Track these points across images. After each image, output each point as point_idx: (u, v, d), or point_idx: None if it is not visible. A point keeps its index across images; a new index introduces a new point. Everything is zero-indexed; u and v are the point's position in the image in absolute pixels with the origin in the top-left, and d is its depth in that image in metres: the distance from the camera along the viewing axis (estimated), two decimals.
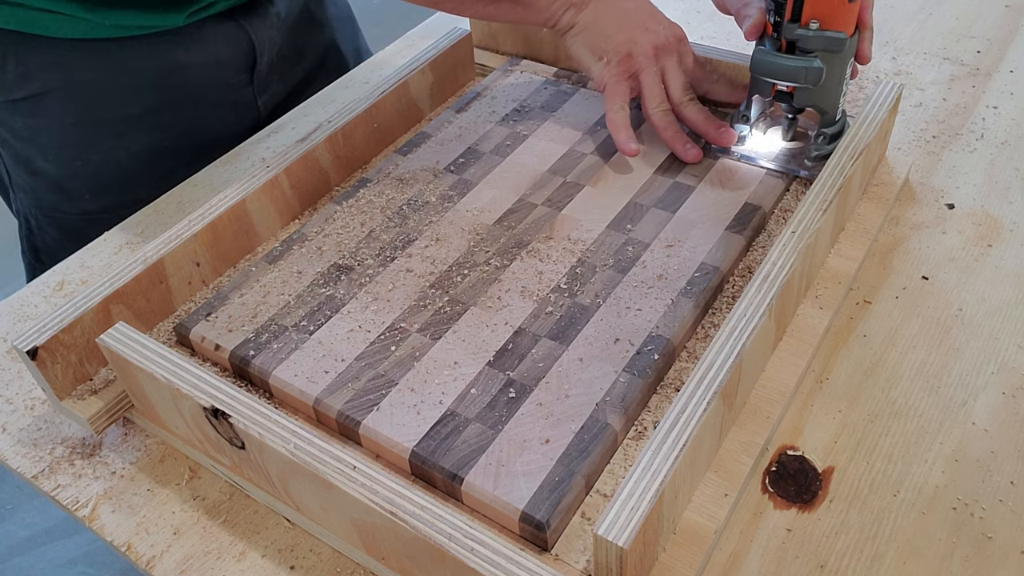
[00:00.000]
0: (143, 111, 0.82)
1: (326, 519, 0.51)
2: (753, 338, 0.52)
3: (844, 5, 0.63)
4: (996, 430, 0.55)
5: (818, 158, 0.70)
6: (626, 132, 0.71)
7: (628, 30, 0.72)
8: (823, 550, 0.50)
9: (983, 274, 0.65)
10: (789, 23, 0.64)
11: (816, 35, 0.63)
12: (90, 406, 0.58)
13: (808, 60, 0.64)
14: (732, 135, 0.71)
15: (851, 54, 0.66)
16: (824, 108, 0.68)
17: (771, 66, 0.66)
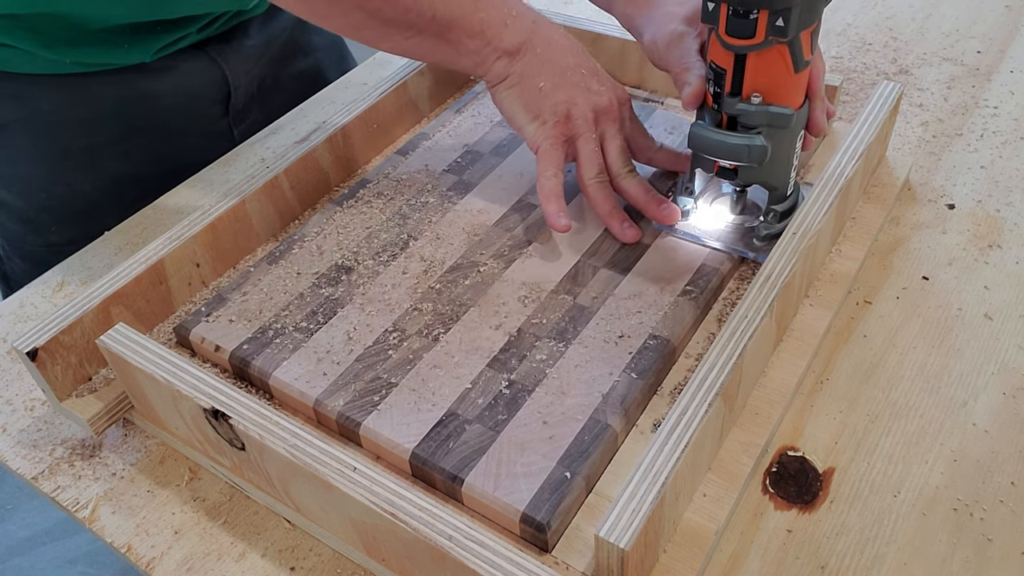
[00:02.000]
0: (109, 141, 0.80)
1: (326, 520, 0.50)
2: (754, 339, 0.52)
3: (788, 77, 0.56)
4: (996, 431, 0.55)
5: (768, 238, 0.63)
6: (557, 204, 0.63)
7: (567, 89, 0.65)
8: (824, 551, 0.49)
9: (983, 274, 0.65)
10: (729, 96, 0.58)
11: (759, 110, 0.57)
12: (90, 407, 0.58)
13: (750, 137, 0.58)
14: (675, 213, 0.65)
15: (801, 127, 0.60)
16: (772, 185, 0.62)
17: (710, 143, 0.59)
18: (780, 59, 0.55)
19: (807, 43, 0.55)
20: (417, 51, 0.65)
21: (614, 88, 0.67)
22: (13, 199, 0.82)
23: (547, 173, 0.64)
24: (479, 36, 0.63)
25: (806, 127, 0.61)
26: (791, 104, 0.58)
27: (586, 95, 0.65)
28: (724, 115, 0.59)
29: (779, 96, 0.57)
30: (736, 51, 0.55)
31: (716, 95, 0.59)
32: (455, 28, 0.63)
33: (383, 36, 0.63)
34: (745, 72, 0.56)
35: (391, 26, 0.62)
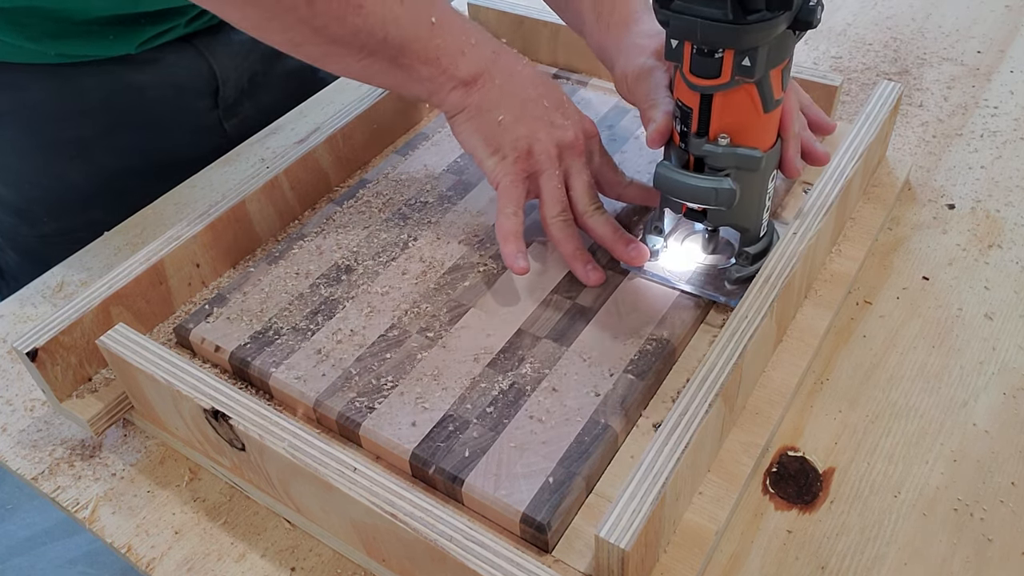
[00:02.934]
0: (98, 132, 0.80)
1: (326, 521, 0.50)
2: (754, 339, 0.52)
3: (757, 117, 0.53)
4: (997, 431, 0.55)
5: (739, 281, 0.60)
6: (515, 244, 0.59)
7: (529, 122, 0.61)
8: (824, 551, 0.49)
9: (984, 274, 0.65)
10: (695, 137, 0.54)
11: (726, 152, 0.54)
12: (90, 407, 0.58)
13: (718, 180, 0.54)
14: (643, 254, 0.61)
15: (772, 167, 0.57)
16: (744, 227, 0.59)
17: (675, 185, 0.56)
18: (748, 99, 0.52)
19: (777, 82, 0.52)
20: (368, 75, 0.61)
21: (580, 121, 0.63)
22: (4, 190, 0.82)
23: (506, 211, 0.60)
24: (434, 63, 0.60)
25: (779, 167, 0.58)
26: (761, 145, 0.55)
27: (549, 129, 0.62)
28: (691, 155, 0.55)
29: (748, 137, 0.54)
30: (701, 91, 0.52)
31: (683, 134, 0.55)
32: (408, 53, 0.59)
33: (330, 56, 0.59)
34: (711, 112, 0.53)
35: (339, 45, 0.58)
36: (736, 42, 0.48)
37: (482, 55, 0.61)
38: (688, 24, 0.48)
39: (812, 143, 0.61)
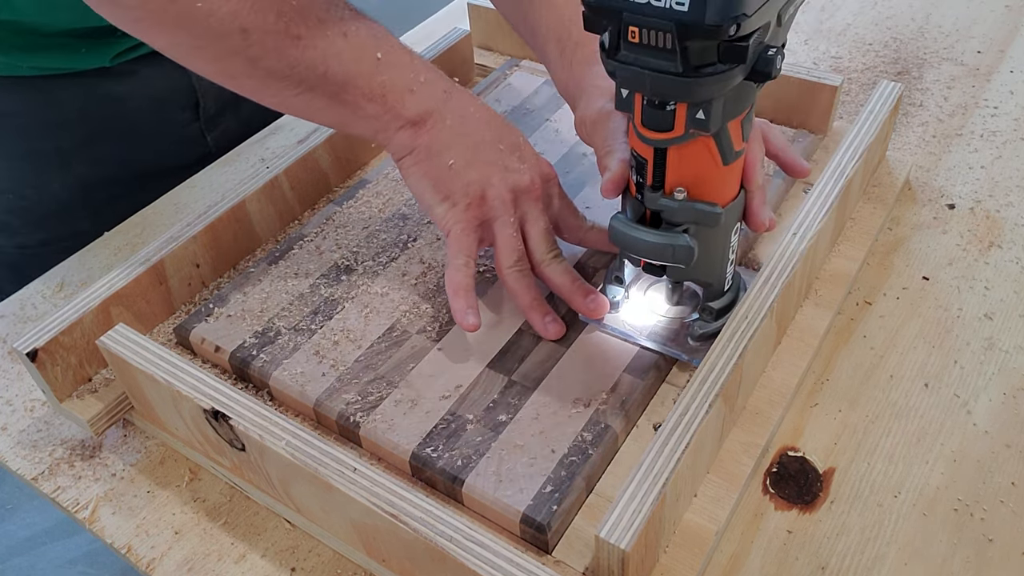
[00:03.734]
0: (76, 144, 0.78)
1: (327, 521, 0.50)
2: (754, 339, 0.52)
3: (716, 170, 0.49)
4: (997, 431, 0.55)
5: (703, 338, 0.57)
6: (465, 299, 0.56)
7: (482, 167, 0.58)
8: (824, 551, 0.49)
9: (984, 274, 0.65)
10: (650, 190, 0.51)
11: (683, 207, 0.50)
12: (90, 408, 0.58)
13: (674, 236, 0.50)
14: (602, 305, 0.58)
15: (735, 219, 0.53)
16: (706, 282, 0.56)
17: (629, 240, 0.52)
18: (706, 151, 0.49)
19: (737, 133, 0.49)
20: (309, 111, 0.58)
21: (537, 164, 0.60)
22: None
23: (456, 263, 0.57)
24: (379, 101, 0.56)
25: (746, 221, 0.55)
26: (721, 199, 0.51)
27: (503, 174, 0.58)
28: (647, 208, 0.52)
29: (706, 191, 0.50)
30: (654, 144, 0.49)
31: (639, 185, 0.52)
32: (351, 89, 0.56)
33: (266, 89, 0.55)
34: (667, 165, 0.49)
35: (276, 79, 0.54)
36: (688, 95, 0.45)
37: (432, 94, 0.58)
38: (636, 76, 0.44)
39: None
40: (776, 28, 0.44)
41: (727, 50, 0.42)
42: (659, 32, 0.42)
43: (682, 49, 0.42)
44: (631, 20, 0.42)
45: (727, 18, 0.40)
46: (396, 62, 0.57)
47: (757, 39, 0.42)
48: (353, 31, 0.56)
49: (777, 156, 0.62)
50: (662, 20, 0.41)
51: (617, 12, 0.42)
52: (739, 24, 0.40)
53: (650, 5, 0.41)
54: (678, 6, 0.40)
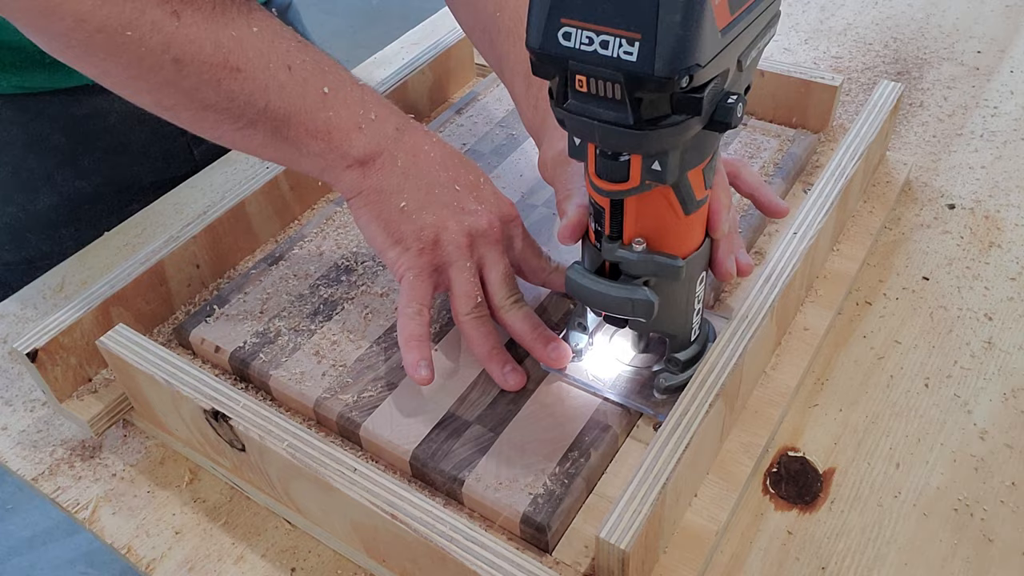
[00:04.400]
0: (61, 160, 0.77)
1: (327, 521, 0.50)
2: (754, 339, 0.52)
3: (676, 220, 0.47)
4: (997, 431, 0.55)
5: (669, 391, 0.54)
6: (418, 351, 0.53)
7: (436, 209, 0.55)
8: (824, 552, 0.49)
9: (984, 274, 0.65)
10: (608, 240, 0.48)
11: (642, 259, 0.47)
12: (90, 408, 0.58)
13: (633, 289, 0.48)
14: (565, 355, 0.55)
15: (700, 269, 0.50)
16: (670, 334, 0.53)
17: (586, 293, 0.49)
18: (665, 202, 0.46)
19: (699, 181, 0.46)
20: (250, 146, 0.55)
21: (497, 205, 0.57)
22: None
23: (408, 311, 0.54)
24: (324, 138, 0.54)
25: (713, 270, 0.52)
26: (683, 249, 0.48)
27: (458, 216, 0.55)
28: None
29: (667, 242, 0.48)
30: (609, 196, 0.46)
31: (597, 233, 0.49)
32: (294, 125, 0.53)
33: (204, 122, 0.53)
34: (624, 215, 0.47)
35: (214, 112, 0.52)
36: (640, 148, 0.42)
37: (383, 132, 0.55)
38: (586, 126, 0.41)
39: (736, 252, 0.54)
40: (737, 73, 0.42)
41: (681, 101, 0.39)
42: (607, 82, 0.39)
43: (632, 100, 0.39)
44: (577, 69, 0.39)
45: (678, 69, 0.37)
46: (344, 98, 0.54)
47: (714, 88, 0.40)
48: (299, 64, 0.53)
49: (752, 196, 0.60)
50: (610, 70, 0.38)
51: (563, 60, 0.39)
52: (692, 75, 0.37)
53: (597, 54, 0.38)
54: (626, 56, 0.37)
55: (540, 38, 0.39)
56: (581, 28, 0.38)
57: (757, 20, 0.41)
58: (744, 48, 0.41)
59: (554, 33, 0.39)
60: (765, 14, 0.42)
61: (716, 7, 0.37)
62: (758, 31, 0.42)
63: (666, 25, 0.36)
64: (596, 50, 0.38)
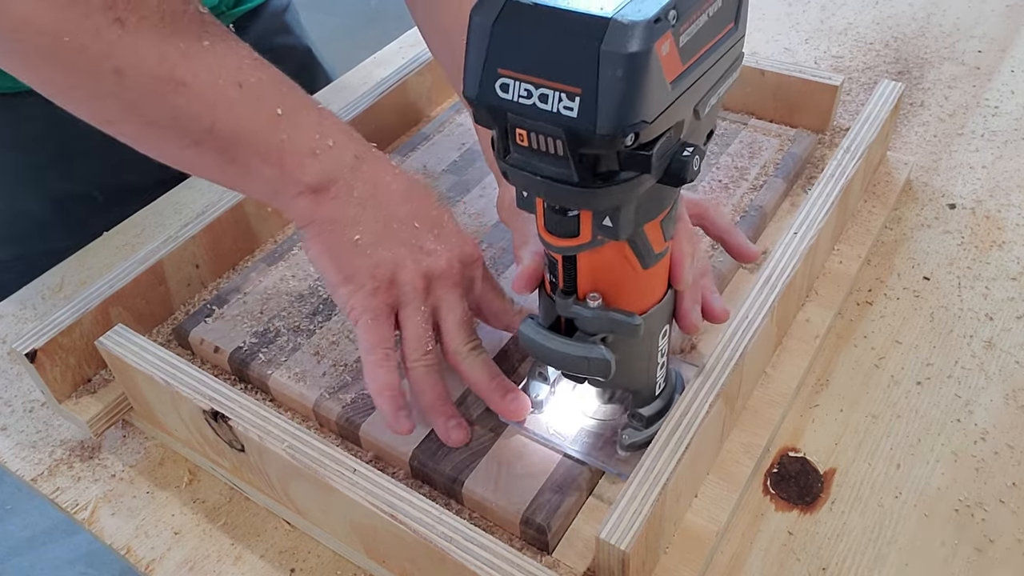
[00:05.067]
0: (49, 160, 0.76)
1: (326, 522, 0.50)
2: (755, 340, 0.52)
3: (634, 274, 0.44)
4: (998, 431, 0.55)
5: (633, 447, 0.51)
6: (392, 402, 0.50)
7: (393, 246, 0.51)
8: (825, 552, 0.49)
9: (984, 274, 0.65)
10: (561, 295, 0.45)
11: (597, 315, 0.44)
12: (89, 408, 0.58)
13: (589, 347, 0.45)
14: (524, 406, 0.52)
15: (662, 323, 0.48)
16: (633, 389, 0.51)
17: (539, 349, 0.46)
18: (620, 256, 0.43)
19: (656, 234, 0.43)
20: (196, 167, 0.52)
21: (459, 244, 0.53)
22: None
23: (373, 359, 0.50)
24: (275, 163, 0.50)
25: (678, 323, 0.50)
26: (642, 304, 0.46)
27: (416, 256, 0.51)
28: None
29: (625, 297, 0.45)
30: (559, 252, 0.43)
31: (552, 284, 0.46)
32: (242, 147, 0.49)
33: (147, 139, 0.50)
34: (578, 270, 0.44)
35: (157, 128, 0.49)
36: (588, 205, 0.39)
37: (340, 159, 0.51)
38: (529, 181, 0.38)
39: (709, 296, 0.52)
40: (694, 122, 0.39)
41: (628, 158, 0.36)
42: (549, 137, 0.36)
43: (576, 157, 0.36)
44: (517, 122, 0.36)
45: (622, 127, 0.34)
46: (300, 121, 0.50)
47: (666, 143, 0.37)
48: (252, 82, 0.49)
49: (722, 239, 0.58)
50: (550, 126, 0.35)
51: (501, 112, 0.36)
52: (638, 133, 0.35)
53: (536, 108, 0.35)
54: (566, 111, 0.34)
55: (476, 88, 0.36)
56: (519, 80, 0.35)
57: (716, 65, 0.38)
58: (701, 97, 0.38)
59: (491, 84, 0.36)
60: (725, 58, 0.39)
61: (664, 58, 0.34)
62: (718, 76, 0.39)
63: (607, 80, 0.33)
64: (535, 104, 0.35)
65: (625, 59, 0.33)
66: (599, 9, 0.33)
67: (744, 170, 0.71)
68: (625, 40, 0.33)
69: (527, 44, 0.35)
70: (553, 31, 0.34)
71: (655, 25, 0.33)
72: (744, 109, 0.78)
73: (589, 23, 0.33)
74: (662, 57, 0.34)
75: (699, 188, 0.69)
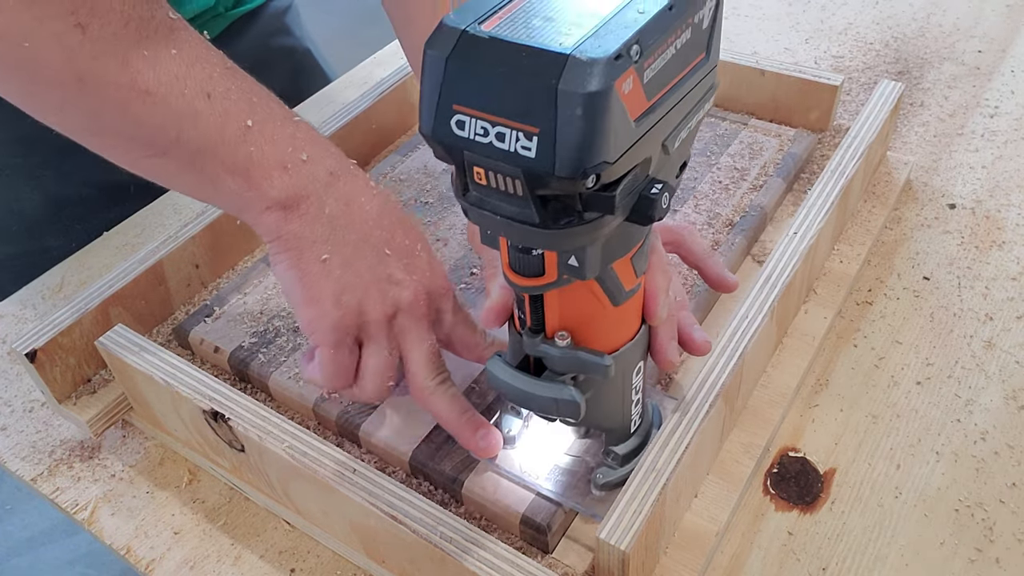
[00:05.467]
0: (44, 159, 0.75)
1: (326, 522, 0.50)
2: (754, 340, 0.52)
3: (604, 312, 0.42)
4: (998, 432, 0.55)
5: (608, 486, 0.48)
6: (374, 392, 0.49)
7: (361, 271, 0.49)
8: (825, 552, 0.49)
9: (984, 274, 0.65)
10: (529, 333, 0.43)
11: (565, 355, 0.42)
12: (89, 408, 0.58)
13: (558, 388, 0.43)
14: (495, 443, 0.49)
15: (635, 360, 0.46)
16: (606, 428, 0.48)
17: (506, 389, 0.44)
18: (589, 294, 0.41)
19: (627, 271, 0.41)
20: (163, 177, 0.50)
21: (430, 276, 0.51)
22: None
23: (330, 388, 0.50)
24: (241, 175, 0.48)
25: (654, 359, 0.48)
26: (614, 342, 0.44)
27: (383, 287, 0.49)
28: None
29: (594, 336, 0.43)
30: (525, 291, 0.41)
31: (521, 320, 0.44)
32: (209, 158, 0.47)
33: (113, 148, 0.48)
34: (545, 308, 0.42)
35: (121, 138, 0.47)
36: (550, 246, 0.37)
37: (312, 174, 0.49)
38: (489, 220, 0.36)
39: (689, 328, 0.50)
40: (663, 157, 0.37)
41: (591, 199, 0.34)
42: (508, 177, 0.34)
43: (536, 198, 0.34)
44: (474, 160, 0.34)
45: (582, 169, 0.32)
46: (271, 134, 0.48)
47: (632, 182, 0.35)
48: (220, 92, 0.47)
49: (698, 267, 0.56)
50: (507, 165, 0.33)
51: (457, 149, 0.34)
52: (599, 174, 0.33)
53: (492, 146, 0.33)
54: (524, 151, 0.32)
55: (431, 124, 0.34)
56: (475, 117, 0.33)
57: (686, 98, 0.36)
58: (669, 132, 0.36)
59: (447, 120, 0.34)
60: (696, 90, 0.37)
61: (627, 96, 0.32)
62: (688, 109, 0.37)
63: (566, 120, 0.31)
64: (492, 143, 0.33)
65: (584, 98, 0.31)
66: (558, 44, 0.32)
67: (744, 170, 0.71)
68: (584, 78, 0.31)
69: (483, 80, 0.33)
70: (510, 67, 0.32)
71: (616, 62, 0.31)
72: (744, 109, 0.78)
73: (546, 59, 0.31)
74: (624, 95, 0.32)
75: (699, 189, 0.69)
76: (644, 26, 0.32)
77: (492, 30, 0.33)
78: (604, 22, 0.32)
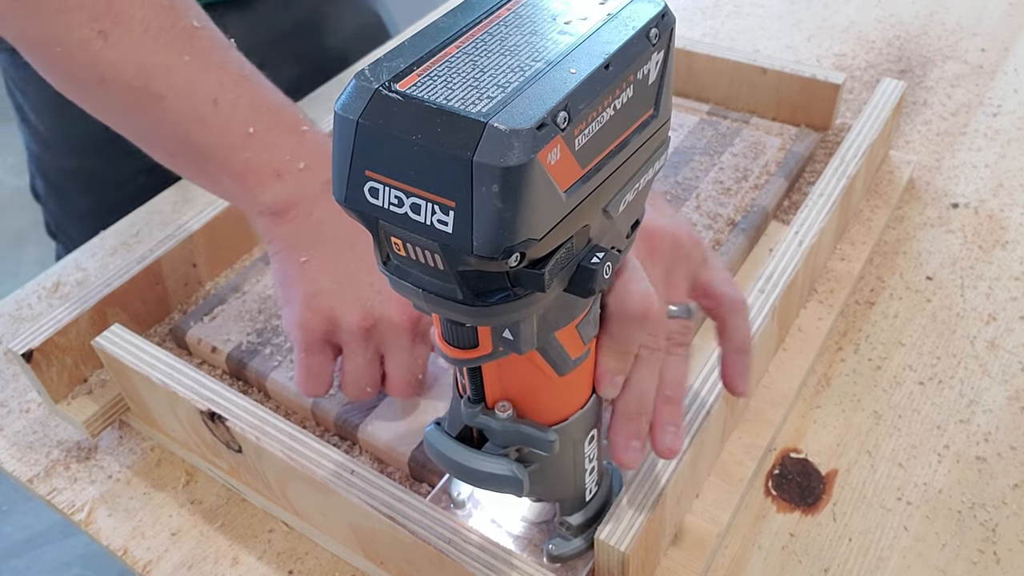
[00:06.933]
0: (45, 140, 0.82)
1: (324, 523, 0.50)
2: (756, 340, 0.52)
3: (548, 382, 0.38)
4: (1000, 433, 0.54)
5: (560, 559, 0.45)
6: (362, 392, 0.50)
7: (340, 278, 0.49)
8: (827, 554, 0.49)
9: (987, 274, 0.65)
10: (468, 403, 0.39)
11: (506, 428, 0.39)
12: (86, 409, 0.58)
13: (498, 462, 0.39)
14: None
15: (586, 431, 0.41)
16: (557, 498, 0.44)
17: (443, 460, 0.40)
18: (530, 365, 0.37)
19: (572, 340, 0.37)
20: (180, 172, 0.54)
21: None
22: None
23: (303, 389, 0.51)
24: (238, 179, 0.50)
25: (609, 449, 0.42)
26: (560, 413, 0.40)
27: (361, 294, 0.48)
28: None
29: (538, 407, 0.39)
30: (460, 365, 0.37)
31: (463, 385, 0.40)
32: (212, 161, 0.50)
33: (142, 144, 0.53)
34: (484, 378, 0.38)
35: (144, 138, 0.52)
36: (479, 322, 0.34)
37: (308, 182, 0.50)
38: (412, 293, 0.33)
39: (659, 429, 0.42)
40: (606, 222, 0.33)
41: (520, 276, 0.31)
42: (427, 251, 0.30)
43: (458, 274, 0.31)
44: (390, 231, 0.31)
45: (504, 247, 0.28)
46: (272, 142, 0.50)
47: (566, 255, 0.32)
48: (228, 99, 0.49)
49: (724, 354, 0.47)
50: (424, 239, 0.30)
51: (372, 219, 0.31)
52: (524, 252, 0.29)
53: (408, 217, 0.29)
54: (440, 225, 0.29)
55: (344, 190, 0.31)
56: (389, 186, 0.29)
57: (631, 160, 0.33)
58: (612, 196, 0.33)
59: (359, 186, 0.30)
60: (643, 150, 0.33)
61: (554, 166, 0.28)
62: (635, 169, 0.33)
63: (483, 195, 0.28)
64: (408, 213, 0.29)
65: (501, 173, 0.27)
66: (476, 110, 0.28)
67: (746, 169, 0.70)
68: (501, 151, 0.27)
69: (397, 145, 0.29)
70: (424, 132, 0.28)
71: (539, 132, 0.27)
72: (746, 108, 0.77)
73: (462, 127, 0.28)
74: (551, 166, 0.28)
75: (701, 188, 0.69)
76: (574, 90, 0.28)
77: (408, 89, 0.29)
78: (530, 83, 0.29)
